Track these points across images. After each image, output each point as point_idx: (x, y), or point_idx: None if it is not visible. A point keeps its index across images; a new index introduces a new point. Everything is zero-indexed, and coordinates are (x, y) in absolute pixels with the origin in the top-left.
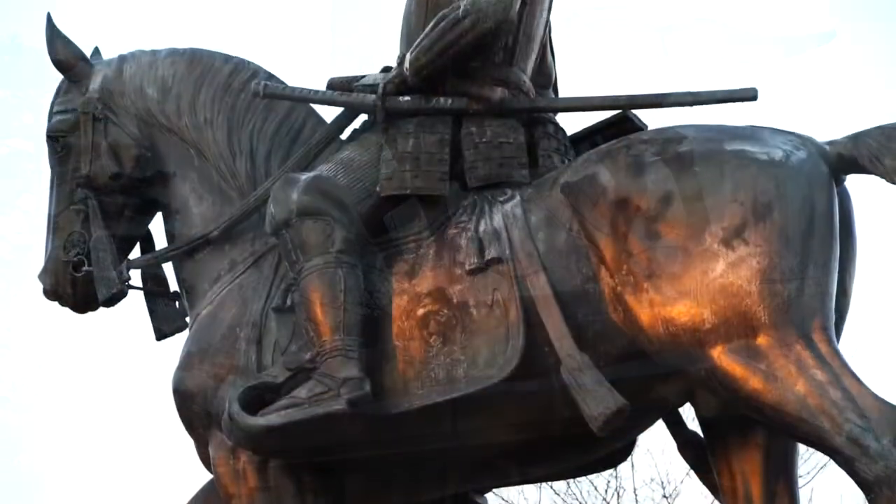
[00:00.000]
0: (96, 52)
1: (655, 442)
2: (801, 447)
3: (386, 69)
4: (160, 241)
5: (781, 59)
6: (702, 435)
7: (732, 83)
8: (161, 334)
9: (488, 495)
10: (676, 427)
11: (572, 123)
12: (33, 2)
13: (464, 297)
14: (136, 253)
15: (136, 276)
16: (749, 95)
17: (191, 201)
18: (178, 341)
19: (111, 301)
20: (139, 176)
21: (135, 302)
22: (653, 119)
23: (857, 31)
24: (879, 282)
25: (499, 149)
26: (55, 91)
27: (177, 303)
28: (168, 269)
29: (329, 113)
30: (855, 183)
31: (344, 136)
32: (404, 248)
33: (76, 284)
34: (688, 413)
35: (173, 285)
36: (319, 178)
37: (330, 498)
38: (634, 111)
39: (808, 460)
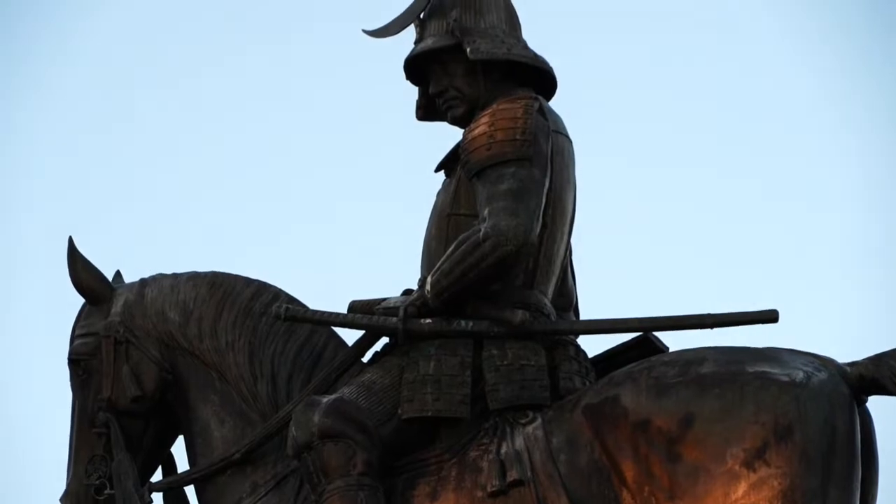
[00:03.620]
0: (118, 275)
1: None
2: None
3: (407, 292)
4: (182, 464)
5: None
6: None
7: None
8: None
9: None
10: None
11: (593, 345)
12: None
13: None
14: (157, 476)
15: (158, 500)
16: (770, 317)
17: (212, 424)
18: None
19: None
20: (161, 399)
21: None
22: (674, 340)
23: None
24: None
25: (520, 371)
26: (77, 314)
27: None
28: (190, 491)
29: (350, 336)
30: (876, 405)
31: (365, 358)
32: (426, 470)
33: None
34: None
35: None
36: (341, 400)
37: None
38: (655, 332)
39: None
